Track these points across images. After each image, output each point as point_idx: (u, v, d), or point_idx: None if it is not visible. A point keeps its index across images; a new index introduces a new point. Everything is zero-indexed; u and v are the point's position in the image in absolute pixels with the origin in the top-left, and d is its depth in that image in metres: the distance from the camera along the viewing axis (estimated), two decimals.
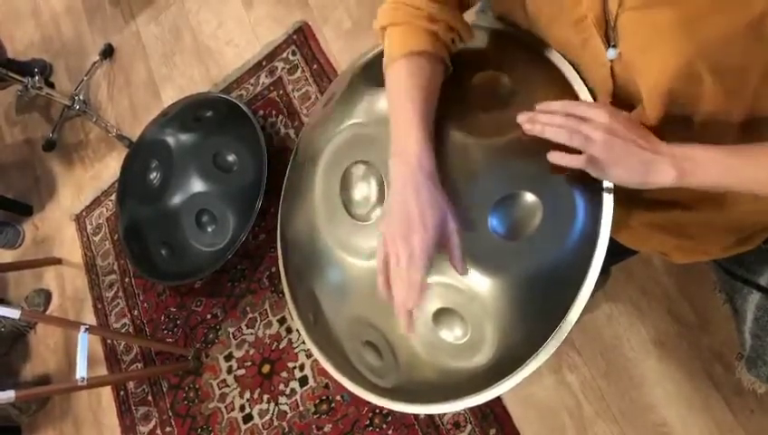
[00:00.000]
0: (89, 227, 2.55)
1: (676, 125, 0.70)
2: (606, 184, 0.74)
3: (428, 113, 0.78)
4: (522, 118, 0.75)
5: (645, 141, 0.70)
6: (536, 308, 0.76)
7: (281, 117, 2.21)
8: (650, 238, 0.91)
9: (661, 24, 0.60)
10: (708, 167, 0.69)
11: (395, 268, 0.73)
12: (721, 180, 0.69)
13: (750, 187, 0.69)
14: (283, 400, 1.88)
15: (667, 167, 0.69)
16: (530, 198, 0.76)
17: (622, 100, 0.74)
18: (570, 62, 0.80)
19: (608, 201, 0.74)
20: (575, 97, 0.78)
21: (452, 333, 0.81)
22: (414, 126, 0.75)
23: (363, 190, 0.88)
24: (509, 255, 0.76)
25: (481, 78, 0.85)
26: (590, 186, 0.75)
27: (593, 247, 0.72)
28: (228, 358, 2.03)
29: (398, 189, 0.74)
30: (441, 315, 0.81)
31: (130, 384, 2.19)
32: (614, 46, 0.68)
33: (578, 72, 0.79)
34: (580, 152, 0.71)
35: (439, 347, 0.82)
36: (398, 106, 0.78)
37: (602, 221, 0.74)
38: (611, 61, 0.70)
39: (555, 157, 0.73)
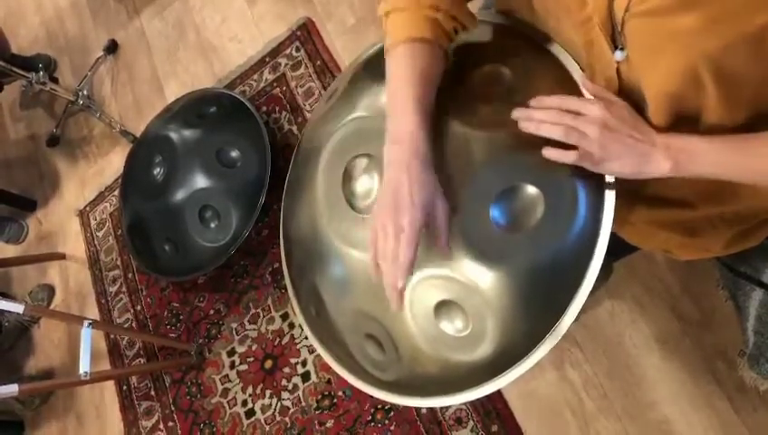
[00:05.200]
0: (92, 222, 2.56)
1: (682, 132, 0.71)
2: (608, 178, 0.75)
3: (426, 99, 0.77)
4: (517, 114, 0.76)
5: (640, 134, 0.71)
6: (537, 301, 0.76)
7: (284, 113, 2.21)
8: (654, 236, 0.91)
9: (668, 32, 0.61)
10: (703, 158, 0.69)
11: (383, 246, 0.73)
12: (715, 171, 0.70)
13: (745, 176, 0.70)
14: (285, 395, 1.88)
15: (662, 159, 0.70)
16: (532, 190, 0.76)
17: (628, 101, 0.74)
18: (576, 61, 0.80)
19: (609, 195, 0.74)
20: (578, 91, 0.78)
21: (453, 326, 0.81)
22: (410, 110, 0.75)
23: (366, 183, 0.88)
24: (510, 247, 0.77)
25: (484, 71, 0.86)
26: (592, 179, 0.75)
27: (595, 241, 0.73)
28: (231, 353, 2.03)
29: (391, 171, 0.74)
30: (442, 308, 0.81)
31: (133, 379, 2.20)
32: (621, 49, 0.67)
33: (583, 71, 0.79)
34: (573, 147, 0.72)
35: (441, 340, 0.82)
36: (396, 90, 0.78)
37: (604, 214, 0.74)
38: (618, 63, 0.70)
39: (549, 153, 0.74)
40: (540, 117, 0.74)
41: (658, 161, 0.70)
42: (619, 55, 0.68)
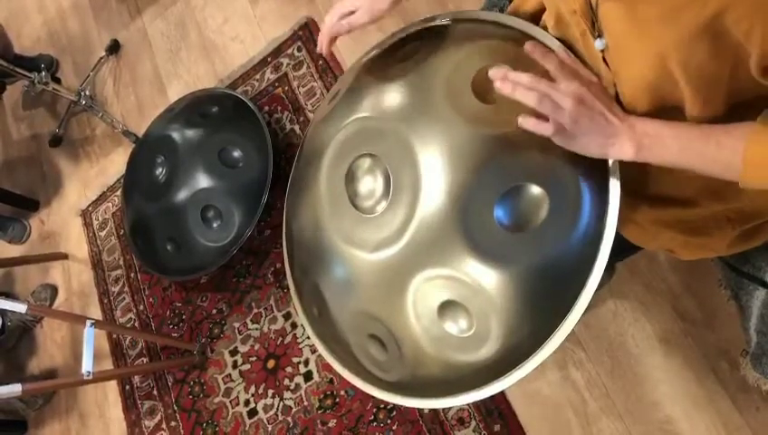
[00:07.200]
0: (95, 222, 2.56)
1: None
2: (612, 177, 0.74)
3: None
4: (495, 74, 0.75)
5: (612, 114, 0.71)
6: (541, 302, 0.76)
7: (286, 113, 2.21)
8: (658, 236, 0.91)
9: (636, 20, 0.62)
10: (667, 143, 0.69)
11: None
12: (679, 158, 0.69)
13: (709, 167, 0.69)
14: (287, 395, 1.89)
15: (627, 141, 0.70)
16: (536, 190, 0.76)
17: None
18: (577, 56, 0.80)
19: (614, 194, 0.74)
20: None
21: (457, 326, 0.81)
22: None
23: (369, 183, 0.88)
24: (515, 247, 0.77)
25: (486, 71, 0.85)
26: (596, 178, 0.75)
27: (599, 241, 0.73)
28: (233, 353, 2.03)
29: None
30: (446, 308, 0.81)
31: (136, 379, 2.20)
32: (600, 37, 0.68)
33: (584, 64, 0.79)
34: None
35: (444, 340, 0.82)
36: None
37: (609, 214, 0.74)
38: (602, 52, 0.70)
39: (526, 122, 0.73)
40: (516, 79, 0.72)
41: (622, 143, 0.71)
42: (599, 44, 0.68)
